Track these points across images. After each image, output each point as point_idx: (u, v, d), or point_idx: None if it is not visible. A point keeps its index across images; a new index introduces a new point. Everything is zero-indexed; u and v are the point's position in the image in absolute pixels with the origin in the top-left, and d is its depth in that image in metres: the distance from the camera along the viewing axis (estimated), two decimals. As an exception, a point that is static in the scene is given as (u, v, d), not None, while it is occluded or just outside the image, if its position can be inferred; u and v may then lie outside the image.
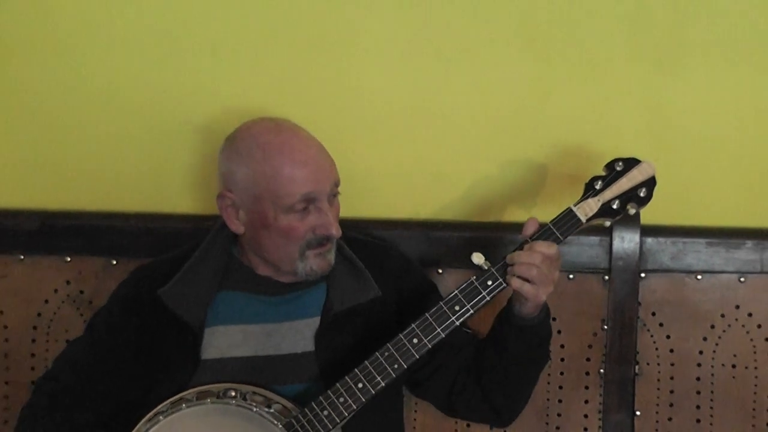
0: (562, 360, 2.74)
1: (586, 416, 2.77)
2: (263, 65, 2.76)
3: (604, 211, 2.34)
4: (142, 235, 2.76)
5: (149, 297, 2.44)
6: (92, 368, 2.46)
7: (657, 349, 2.75)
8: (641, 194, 2.35)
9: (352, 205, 2.51)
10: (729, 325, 2.74)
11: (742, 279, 2.73)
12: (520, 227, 2.35)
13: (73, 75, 2.79)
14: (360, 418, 2.35)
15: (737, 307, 2.74)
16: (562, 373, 2.75)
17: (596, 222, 2.36)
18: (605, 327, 2.74)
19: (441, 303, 2.32)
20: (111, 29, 2.76)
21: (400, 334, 2.32)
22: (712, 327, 2.74)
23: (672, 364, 2.75)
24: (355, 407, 2.32)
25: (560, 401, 2.77)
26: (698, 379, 2.75)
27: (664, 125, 2.73)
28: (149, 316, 2.45)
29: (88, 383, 2.45)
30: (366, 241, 2.57)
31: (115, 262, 2.77)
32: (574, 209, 2.34)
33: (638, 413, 2.75)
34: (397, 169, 2.79)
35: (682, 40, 2.71)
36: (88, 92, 2.79)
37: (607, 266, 2.72)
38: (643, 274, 2.73)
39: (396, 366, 2.31)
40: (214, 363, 2.42)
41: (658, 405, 2.76)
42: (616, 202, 2.34)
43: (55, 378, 2.49)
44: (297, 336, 2.44)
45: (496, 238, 2.58)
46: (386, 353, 2.32)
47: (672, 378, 2.76)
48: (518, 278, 2.27)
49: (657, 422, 2.76)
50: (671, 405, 2.76)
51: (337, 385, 2.32)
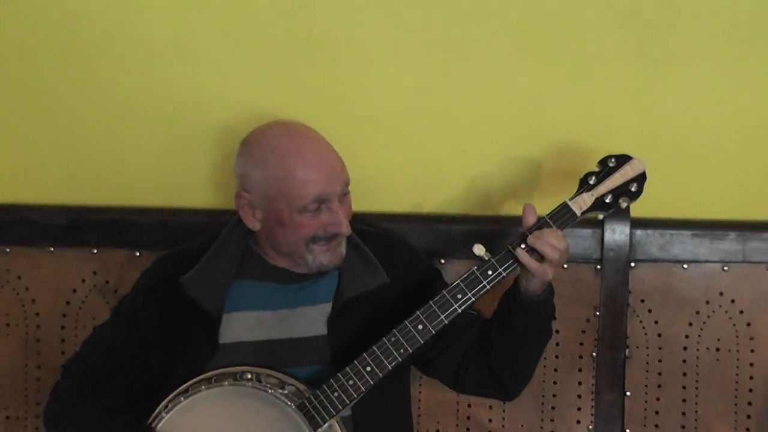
0: (557, 344, 2.73)
1: (579, 397, 2.76)
2: (276, 71, 2.76)
3: (598, 204, 2.35)
4: (162, 229, 2.75)
5: (170, 285, 2.44)
6: (117, 351, 2.46)
7: (646, 333, 2.75)
8: (632, 189, 2.35)
9: (362, 200, 2.50)
10: (713, 311, 2.74)
11: (725, 268, 2.72)
12: (519, 220, 2.34)
13: (99, 81, 2.78)
14: (368, 398, 2.35)
15: (721, 294, 2.73)
16: (557, 357, 2.75)
17: (590, 215, 2.36)
18: (597, 313, 2.73)
19: (444, 291, 2.32)
20: (135, 38, 2.76)
21: (406, 321, 2.32)
22: (698, 313, 2.74)
23: (660, 348, 2.75)
24: (363, 389, 2.32)
25: (555, 383, 2.76)
26: (684, 361, 2.75)
27: (654, 124, 2.73)
28: (170, 303, 2.44)
29: (113, 365, 2.45)
30: (374, 232, 2.57)
31: (138, 254, 2.77)
32: (570, 203, 2.34)
33: (628, 394, 2.75)
34: (402, 166, 2.79)
35: (670, 43, 2.70)
36: (114, 97, 2.79)
37: (599, 257, 2.72)
38: (632, 264, 2.72)
39: (402, 350, 2.32)
40: (231, 347, 2.42)
41: (646, 386, 2.76)
42: (609, 196, 2.35)
43: (83, 361, 2.49)
44: (309, 321, 2.44)
45: (496, 231, 2.57)
46: (393, 338, 2.32)
47: (660, 361, 2.75)
48: (528, 252, 2.28)
49: (646, 402, 2.76)
50: (659, 386, 2.76)
51: (347, 368, 2.32)
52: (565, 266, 2.69)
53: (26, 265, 2.79)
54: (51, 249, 2.79)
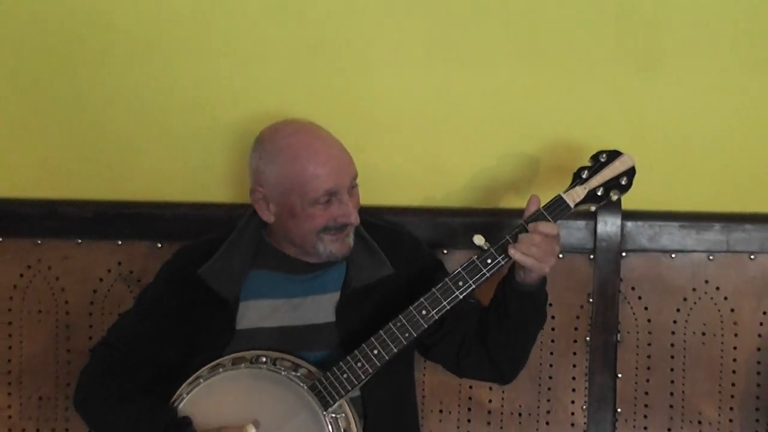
0: (552, 329, 2.73)
1: (573, 378, 2.75)
2: (288, 74, 2.75)
3: (590, 197, 2.34)
4: (182, 222, 2.75)
5: (190, 275, 2.44)
6: (140, 336, 2.46)
7: (636, 319, 2.74)
8: (622, 182, 2.34)
9: (368, 194, 2.48)
10: (699, 298, 2.73)
11: (710, 257, 2.71)
12: (516, 213, 2.35)
13: (125, 84, 2.77)
14: (375, 380, 2.34)
15: (706, 282, 2.72)
16: (552, 341, 2.74)
17: (583, 207, 2.35)
18: (591, 300, 2.72)
19: (446, 279, 2.31)
20: (159, 45, 2.75)
21: (410, 307, 2.31)
22: (685, 300, 2.73)
23: (649, 333, 2.74)
24: (371, 371, 2.31)
25: (551, 366, 2.75)
26: (672, 345, 2.74)
27: (643, 121, 2.72)
28: (190, 292, 2.44)
29: (137, 349, 2.45)
30: (380, 225, 2.56)
31: (159, 245, 2.76)
32: (564, 196, 2.33)
33: (620, 376, 2.74)
34: (406, 162, 2.77)
35: (659, 45, 2.69)
36: (138, 100, 2.78)
37: (592, 247, 2.71)
38: (624, 254, 2.71)
39: (407, 335, 2.31)
40: (247, 333, 2.42)
41: (637, 368, 2.75)
42: (601, 189, 2.34)
43: (109, 345, 2.49)
44: (320, 309, 2.43)
45: (495, 222, 2.56)
46: (398, 323, 2.31)
47: (649, 344, 2.74)
48: (522, 253, 2.26)
49: (636, 383, 2.75)
50: (648, 368, 2.75)
51: (355, 351, 2.31)
52: (561, 256, 2.65)
53: (56, 256, 2.78)
54: (79, 241, 2.78)
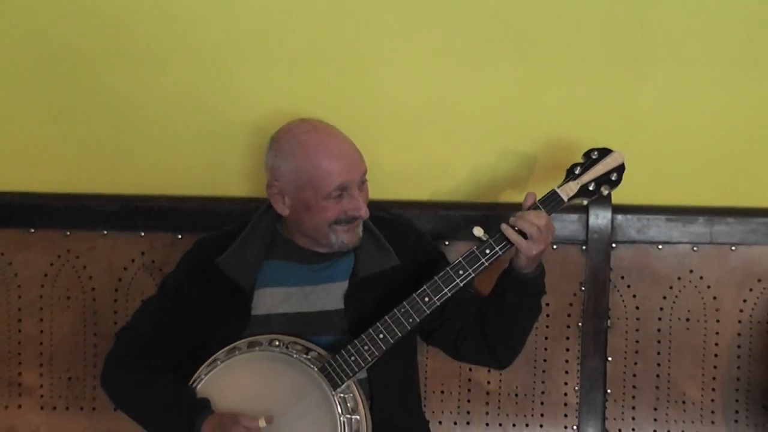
0: (547, 316, 2.71)
1: (567, 361, 2.74)
2: (301, 76, 2.73)
3: (582, 192, 2.33)
4: (202, 215, 2.73)
5: (208, 264, 2.43)
6: (162, 321, 2.45)
7: (625, 306, 2.73)
8: (613, 178, 2.34)
9: (376, 189, 2.47)
10: (684, 287, 2.71)
11: (695, 249, 2.70)
12: (514, 206, 2.34)
13: (149, 86, 2.76)
14: (381, 363, 2.33)
15: (691, 271, 2.71)
16: (547, 327, 2.73)
17: (575, 201, 2.34)
18: (583, 288, 2.71)
19: (448, 268, 2.30)
20: (179, 51, 2.74)
21: (414, 294, 2.30)
22: (670, 288, 2.72)
23: (637, 319, 2.73)
24: (377, 354, 2.30)
25: (546, 349, 2.74)
26: (659, 330, 2.73)
27: (632, 120, 2.71)
28: (208, 280, 2.43)
29: (159, 333, 2.44)
30: (386, 218, 2.54)
31: (180, 237, 2.74)
32: (558, 190, 2.32)
33: (610, 359, 2.73)
34: (411, 159, 2.76)
35: (646, 49, 2.68)
36: (160, 100, 2.77)
37: (585, 238, 2.69)
38: (614, 245, 2.70)
39: (411, 320, 2.29)
40: (261, 318, 2.40)
41: (626, 352, 2.73)
42: (592, 184, 2.33)
43: (133, 330, 2.48)
44: (329, 296, 2.42)
45: (493, 215, 2.54)
46: (402, 309, 2.30)
47: (637, 330, 2.73)
48: (515, 230, 2.26)
49: (625, 366, 2.74)
50: (636, 352, 2.74)
51: (362, 336, 2.30)
52: (555, 247, 2.69)
53: (84, 246, 2.77)
54: (105, 232, 2.76)
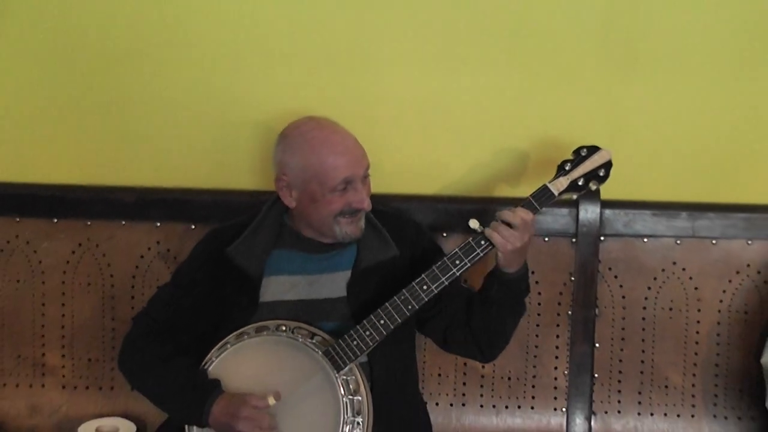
0: (539, 304, 2.69)
1: (557, 347, 2.72)
2: (308, 76, 2.71)
3: (572, 187, 2.32)
4: (214, 206, 2.71)
5: (219, 253, 2.41)
6: (176, 306, 2.43)
7: (612, 296, 2.71)
8: (601, 174, 2.33)
9: (377, 183, 2.45)
10: (668, 278, 2.69)
11: (678, 242, 2.68)
12: (507, 201, 2.36)
13: (165, 86, 2.74)
14: (381, 347, 2.31)
15: (674, 263, 2.69)
16: (538, 315, 2.71)
17: (566, 196, 2.33)
18: (572, 279, 2.69)
19: (445, 258, 2.28)
20: (195, 53, 2.72)
21: (413, 282, 2.28)
22: (655, 279, 2.70)
23: (624, 308, 2.71)
24: (378, 339, 2.28)
25: (537, 336, 2.72)
26: (644, 319, 2.71)
27: (619, 120, 2.69)
28: (219, 268, 2.41)
29: (173, 318, 2.42)
30: (387, 211, 2.52)
31: (193, 227, 2.72)
32: (549, 185, 2.31)
33: (597, 345, 2.71)
34: (411, 156, 2.74)
35: (635, 54, 2.66)
36: (176, 100, 2.75)
37: (574, 231, 2.67)
38: (602, 238, 2.68)
39: (410, 307, 2.28)
40: (269, 305, 2.38)
41: (612, 339, 2.72)
42: (582, 180, 2.32)
43: (149, 314, 2.46)
44: (333, 285, 2.40)
45: (488, 209, 2.50)
46: (402, 297, 2.28)
47: (623, 318, 2.71)
48: (493, 230, 2.25)
49: (611, 352, 2.72)
50: (623, 339, 2.72)
51: (364, 322, 2.28)
52: (546, 239, 2.68)
53: (103, 235, 2.75)
54: (123, 222, 2.75)
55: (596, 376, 2.70)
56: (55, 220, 2.75)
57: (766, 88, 2.66)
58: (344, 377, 2.26)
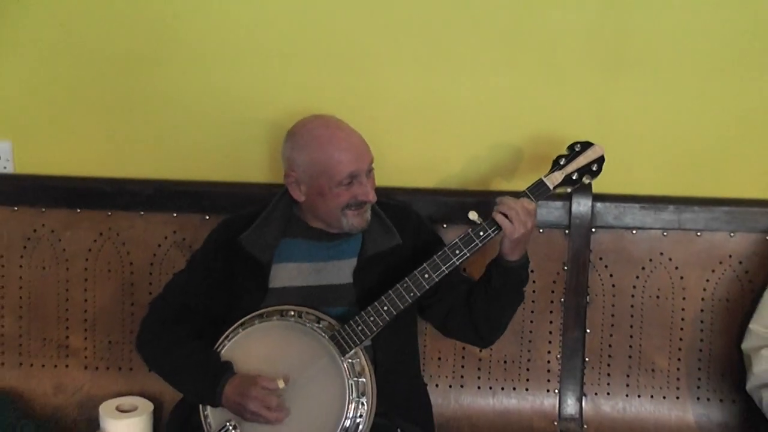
0: (533, 292, 2.66)
1: (550, 333, 2.69)
2: (315, 77, 2.67)
3: (566, 180, 2.29)
4: (226, 198, 2.68)
5: (232, 242, 2.38)
6: (190, 292, 2.41)
7: (603, 284, 2.67)
8: (594, 169, 2.30)
9: (381, 177, 2.41)
10: (655, 267, 2.66)
11: (665, 234, 2.65)
12: (504, 194, 2.28)
13: (183, 84, 2.70)
14: (385, 332, 2.28)
15: (661, 254, 2.66)
16: (533, 302, 2.67)
17: (560, 189, 2.30)
18: (565, 268, 2.66)
19: (445, 248, 2.26)
20: (211, 55, 2.69)
21: (415, 271, 2.25)
22: (643, 269, 2.67)
23: (613, 296, 2.67)
24: (381, 324, 2.25)
25: (532, 322, 2.69)
26: (632, 306, 2.68)
27: (611, 117, 2.66)
28: (232, 256, 2.38)
29: (188, 302, 2.40)
30: (391, 203, 2.49)
31: (207, 217, 2.69)
32: (544, 179, 2.28)
33: (588, 331, 2.68)
34: (413, 151, 2.70)
35: (624, 55, 2.63)
36: (193, 99, 2.71)
37: (568, 224, 2.64)
38: (593, 230, 2.65)
39: (412, 294, 2.25)
40: (278, 291, 2.35)
41: (602, 325, 2.68)
42: (575, 174, 2.30)
43: (165, 299, 2.44)
44: (339, 272, 2.37)
45: (486, 202, 2.42)
46: (405, 285, 2.25)
47: (613, 305, 2.68)
48: (501, 214, 2.22)
49: (602, 338, 2.69)
50: (612, 325, 2.68)
51: (368, 308, 2.26)
52: (541, 231, 2.65)
53: (123, 225, 2.72)
54: (141, 213, 2.72)
55: (587, 359, 2.67)
56: (78, 211, 2.72)
57: (747, 88, 2.62)
58: (349, 360, 2.24)
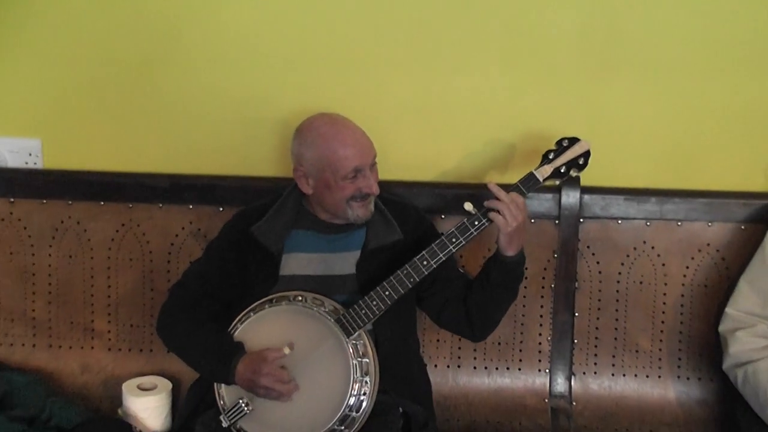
0: (526, 278, 2.61)
1: (541, 316, 2.67)
2: (320, 78, 2.65)
3: (555, 174, 2.27)
4: (239, 191, 2.66)
5: (245, 232, 2.37)
6: (206, 279, 2.39)
7: (590, 271, 2.66)
8: (580, 162, 2.29)
9: (384, 171, 2.40)
10: (639, 255, 2.64)
11: (648, 224, 2.63)
12: (498, 186, 2.26)
13: (198, 85, 2.69)
14: (386, 316, 2.27)
15: (644, 242, 2.64)
16: (525, 287, 2.65)
17: (549, 182, 2.28)
18: (555, 256, 2.64)
19: (443, 236, 2.24)
20: (224, 56, 2.67)
21: (414, 258, 2.24)
22: (627, 256, 2.64)
23: (600, 282, 2.66)
24: (383, 308, 2.24)
25: (524, 306, 2.67)
26: (617, 291, 2.66)
27: (597, 115, 2.63)
28: (244, 246, 2.37)
29: (204, 289, 2.39)
30: (393, 199, 2.47)
31: (221, 209, 2.67)
32: (535, 172, 2.27)
33: (577, 315, 2.66)
34: (413, 147, 2.68)
35: (610, 56, 2.61)
36: (207, 97, 2.69)
37: (557, 214, 2.62)
38: (581, 220, 2.63)
39: (411, 279, 2.23)
40: (287, 278, 2.34)
41: (590, 309, 2.67)
42: (564, 167, 2.28)
43: (183, 285, 2.43)
44: (344, 263, 2.35)
45: (481, 194, 2.40)
46: (405, 271, 2.24)
47: (600, 291, 2.66)
48: (494, 211, 2.21)
49: (589, 321, 2.67)
50: (599, 309, 2.67)
51: (371, 293, 2.24)
52: (533, 221, 2.63)
53: (143, 216, 2.71)
54: (160, 205, 2.70)
55: (576, 341, 2.66)
56: (102, 203, 2.71)
57: (724, 89, 2.59)
58: (353, 342, 2.23)
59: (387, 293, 2.23)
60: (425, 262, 2.22)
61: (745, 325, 2.42)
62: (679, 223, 2.61)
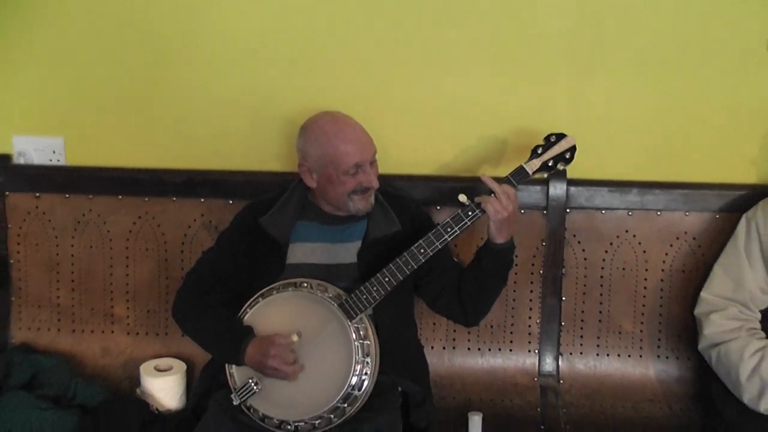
0: (516, 265, 2.60)
1: (530, 300, 2.66)
2: (324, 79, 2.63)
3: (543, 167, 2.26)
4: (248, 185, 2.64)
5: (253, 223, 2.35)
6: (218, 267, 2.37)
7: (576, 258, 2.64)
8: (567, 156, 2.26)
9: (383, 165, 2.38)
10: (621, 243, 2.63)
11: (630, 213, 2.61)
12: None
13: (211, 86, 2.67)
14: (386, 301, 2.25)
15: (626, 231, 2.62)
16: (516, 273, 2.64)
17: (538, 175, 2.26)
18: (544, 244, 2.63)
19: (438, 226, 2.23)
20: (233, 58, 2.65)
21: (412, 246, 2.22)
22: (611, 244, 2.63)
23: (585, 268, 2.64)
24: (383, 293, 2.22)
25: (515, 291, 2.66)
26: (602, 277, 2.65)
27: (583, 112, 2.62)
28: (253, 236, 2.35)
29: (216, 276, 2.36)
30: (393, 193, 2.45)
31: (231, 202, 2.66)
32: (524, 166, 2.25)
33: (564, 299, 2.65)
34: (411, 142, 2.66)
35: (595, 58, 2.59)
36: (218, 97, 2.68)
37: (545, 205, 2.61)
38: (568, 210, 2.61)
39: (409, 266, 2.22)
40: (293, 267, 2.32)
41: (576, 294, 2.65)
42: (551, 161, 2.26)
43: (196, 272, 2.40)
44: (346, 252, 2.33)
45: (474, 187, 2.42)
46: (403, 258, 2.22)
47: (585, 276, 2.64)
48: (486, 201, 2.19)
49: (575, 305, 2.65)
50: (584, 293, 2.65)
51: (372, 279, 2.23)
52: (522, 211, 2.62)
53: (158, 209, 2.70)
54: (174, 198, 2.69)
55: (563, 324, 2.65)
56: (120, 197, 2.70)
57: (700, 88, 2.57)
58: (355, 325, 2.21)
59: (387, 279, 2.21)
60: (422, 251, 2.21)
61: (718, 308, 2.42)
62: (659, 213, 2.60)
